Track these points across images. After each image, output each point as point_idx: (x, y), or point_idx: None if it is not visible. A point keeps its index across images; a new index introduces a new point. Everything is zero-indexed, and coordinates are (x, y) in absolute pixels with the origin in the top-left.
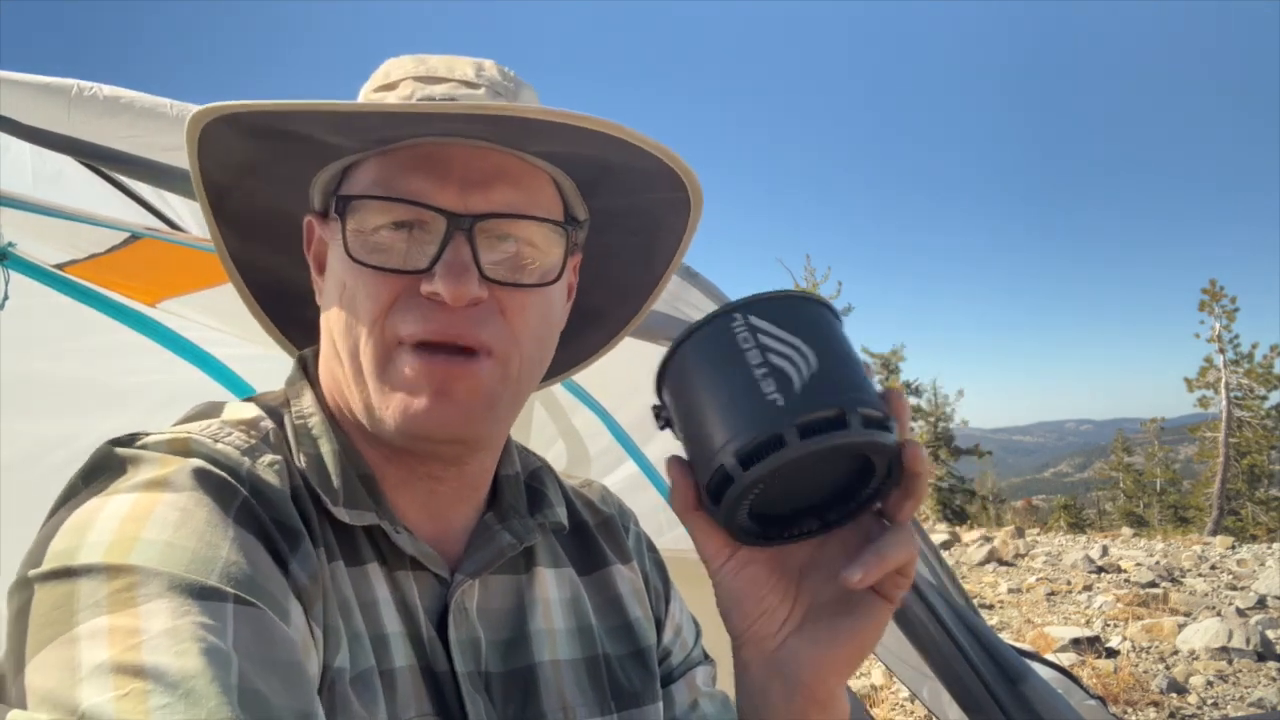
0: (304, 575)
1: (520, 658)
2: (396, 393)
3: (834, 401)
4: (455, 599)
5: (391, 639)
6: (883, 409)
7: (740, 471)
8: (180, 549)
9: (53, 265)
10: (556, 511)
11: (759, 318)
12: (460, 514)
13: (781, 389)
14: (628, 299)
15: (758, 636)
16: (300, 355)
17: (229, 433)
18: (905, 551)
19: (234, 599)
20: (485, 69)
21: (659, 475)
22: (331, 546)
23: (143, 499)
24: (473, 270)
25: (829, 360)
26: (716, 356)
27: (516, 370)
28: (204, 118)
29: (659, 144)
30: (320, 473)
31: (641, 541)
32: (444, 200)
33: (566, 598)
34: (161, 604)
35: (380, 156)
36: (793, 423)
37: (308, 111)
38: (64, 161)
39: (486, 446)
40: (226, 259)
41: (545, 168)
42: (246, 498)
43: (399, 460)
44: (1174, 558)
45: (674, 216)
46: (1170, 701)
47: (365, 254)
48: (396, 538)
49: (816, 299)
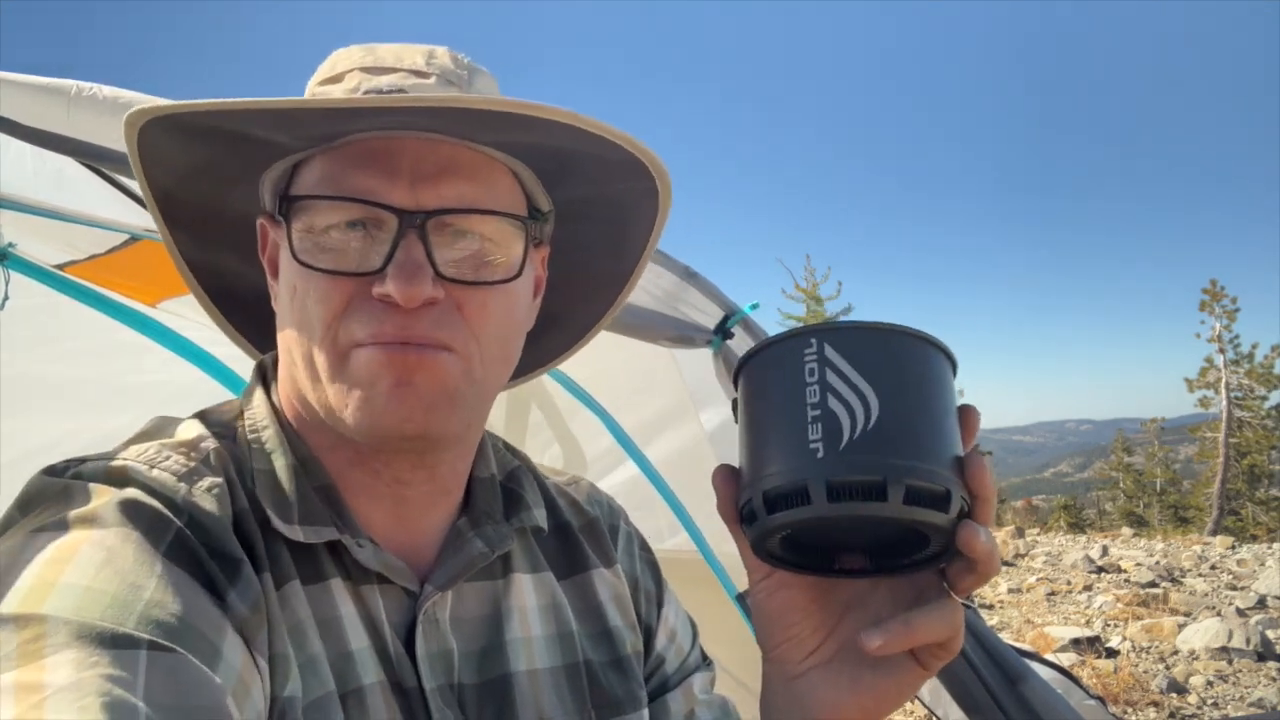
0: (244, 606)
1: (495, 668)
2: (355, 389)
3: (877, 467)
4: (425, 611)
5: (357, 656)
6: (945, 482)
7: (764, 513)
8: (98, 594)
9: (52, 265)
10: (534, 514)
11: (835, 349)
12: (431, 521)
13: (826, 439)
14: (600, 292)
15: (781, 659)
16: (260, 361)
17: (167, 456)
18: (941, 629)
19: (149, 645)
20: (436, 56)
21: (660, 478)
22: (286, 566)
23: (69, 539)
24: (426, 269)
25: (896, 414)
26: (779, 381)
27: (479, 369)
28: (137, 121)
29: (618, 130)
30: (274, 489)
31: (633, 541)
32: (394, 197)
33: (545, 604)
34: (68, 655)
35: (327, 153)
36: (824, 480)
37: (239, 110)
38: (64, 162)
39: (453, 445)
40: (181, 264)
41: (502, 158)
42: (180, 529)
43: (364, 465)
44: (1174, 558)
45: (644, 206)
46: (1170, 701)
47: (314, 256)
48: (359, 552)
49: (918, 335)
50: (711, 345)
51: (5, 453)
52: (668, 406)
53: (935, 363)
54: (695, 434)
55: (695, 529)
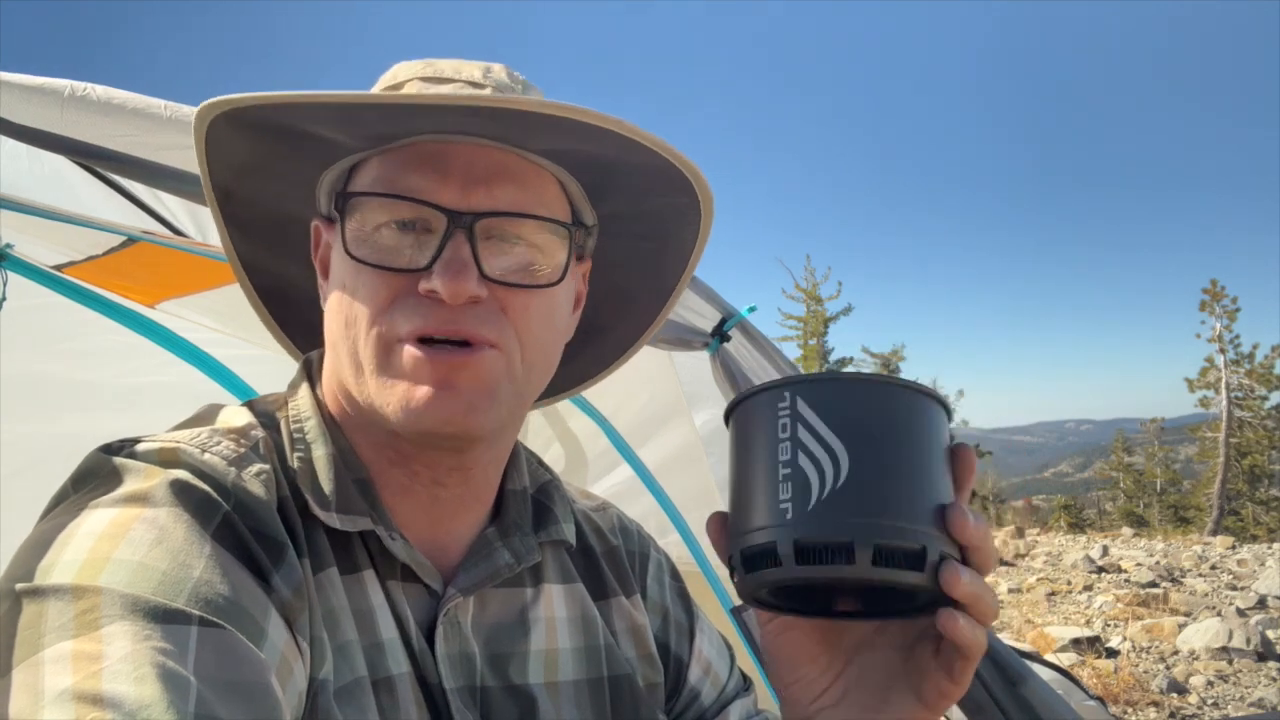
0: (287, 589)
1: (517, 676)
2: (399, 384)
3: (844, 528)
4: (447, 613)
5: (388, 646)
6: (919, 539)
7: (743, 571)
8: (151, 570)
9: (50, 267)
10: (562, 528)
11: (808, 404)
12: (463, 524)
13: (796, 497)
14: (639, 310)
15: (792, 699)
16: (306, 358)
17: (218, 441)
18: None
19: (199, 621)
20: (493, 71)
21: (655, 481)
22: (324, 554)
23: (122, 515)
24: (472, 268)
25: (867, 470)
26: (755, 436)
27: (520, 369)
28: (208, 114)
29: (661, 140)
30: (312, 478)
31: (664, 570)
32: (444, 198)
33: (575, 615)
34: (124, 627)
35: (383, 155)
36: (792, 541)
37: (305, 103)
38: (61, 163)
39: (490, 444)
40: (235, 261)
41: (550, 168)
42: (228, 512)
43: (403, 464)
44: (1174, 558)
45: (684, 223)
46: (1170, 701)
47: (364, 252)
48: (390, 544)
49: (900, 385)
50: (709, 348)
51: (5, 453)
52: (663, 408)
53: (918, 411)
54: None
55: (691, 537)
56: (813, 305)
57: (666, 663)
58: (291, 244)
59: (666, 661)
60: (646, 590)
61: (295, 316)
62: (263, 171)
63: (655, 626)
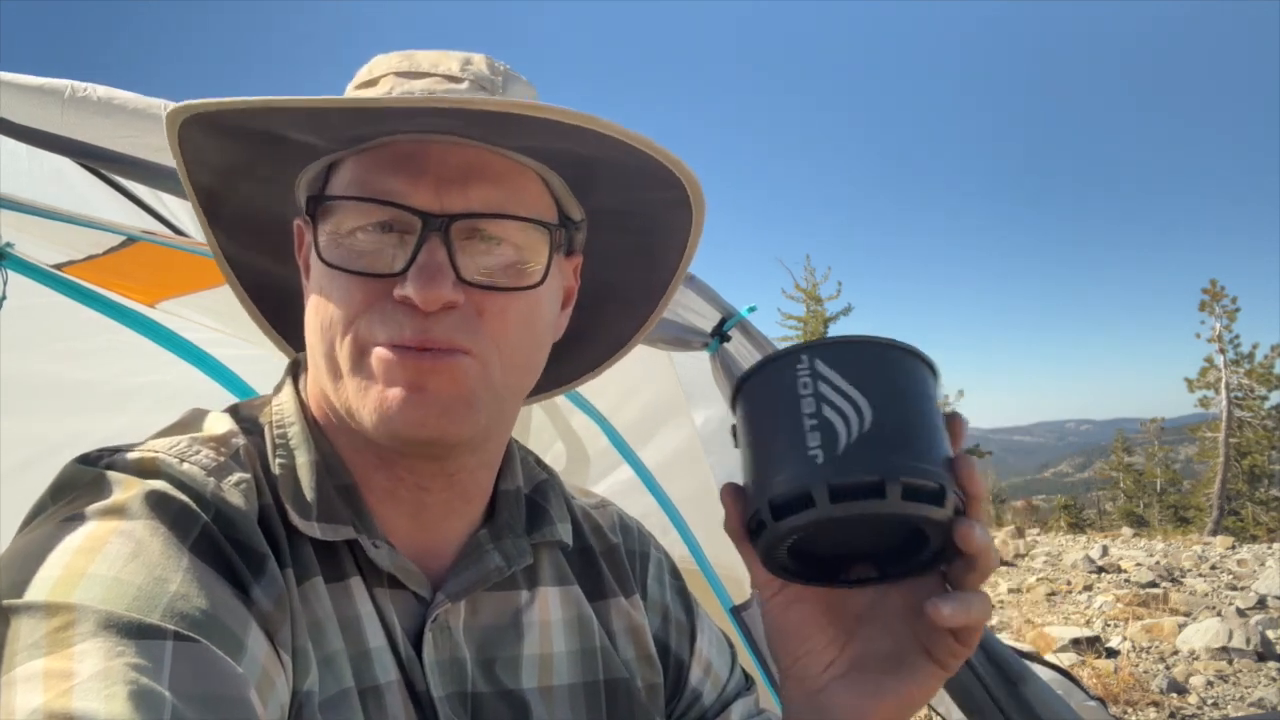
0: (268, 601)
1: (511, 681)
2: (373, 387)
3: (874, 467)
4: (436, 619)
5: (375, 654)
6: (939, 480)
7: (772, 521)
8: (126, 585)
9: (50, 266)
10: (557, 529)
11: (825, 363)
12: (451, 528)
13: (825, 445)
14: (633, 306)
15: (800, 675)
16: (293, 360)
17: (197, 450)
18: (982, 610)
19: (175, 636)
20: (473, 63)
21: (654, 480)
22: (309, 563)
23: (98, 529)
24: (447, 272)
25: (888, 418)
26: (775, 398)
27: (499, 375)
28: (176, 119)
29: (638, 134)
30: (294, 486)
31: (664, 568)
32: (418, 200)
33: (570, 618)
34: (97, 644)
35: (358, 156)
36: (826, 483)
37: (271, 107)
38: (62, 162)
39: (471, 451)
40: (222, 260)
41: (531, 164)
42: (207, 524)
43: (386, 469)
44: (1174, 558)
45: (676, 217)
46: (1170, 701)
47: (338, 257)
48: (374, 552)
49: (901, 347)
50: (708, 348)
51: (4, 453)
52: (663, 408)
53: (919, 372)
54: (689, 436)
55: (691, 536)
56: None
57: (666, 664)
58: (279, 243)
59: (666, 662)
60: (646, 589)
61: (290, 314)
62: (244, 173)
63: (655, 626)
